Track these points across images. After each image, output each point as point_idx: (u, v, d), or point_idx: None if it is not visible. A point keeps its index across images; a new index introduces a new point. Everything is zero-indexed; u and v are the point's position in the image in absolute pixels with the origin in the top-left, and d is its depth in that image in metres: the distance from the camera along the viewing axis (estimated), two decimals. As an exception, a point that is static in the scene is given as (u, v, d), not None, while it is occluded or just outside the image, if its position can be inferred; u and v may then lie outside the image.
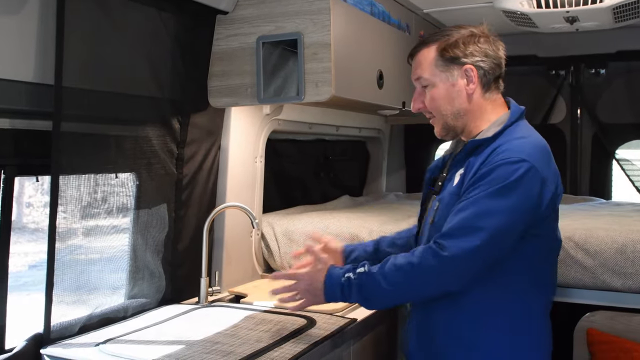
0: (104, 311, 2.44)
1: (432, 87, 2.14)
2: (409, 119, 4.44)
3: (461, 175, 2.08)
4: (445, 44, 2.11)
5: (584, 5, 3.12)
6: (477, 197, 1.95)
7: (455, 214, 1.98)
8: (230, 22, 2.74)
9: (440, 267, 1.96)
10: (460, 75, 2.10)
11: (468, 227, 1.94)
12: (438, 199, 2.14)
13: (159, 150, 2.61)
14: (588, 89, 4.40)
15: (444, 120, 2.16)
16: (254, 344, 2.17)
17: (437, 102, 2.14)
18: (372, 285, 2.04)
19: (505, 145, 2.01)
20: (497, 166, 1.95)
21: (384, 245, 2.54)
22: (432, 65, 2.12)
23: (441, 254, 1.94)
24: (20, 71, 2.07)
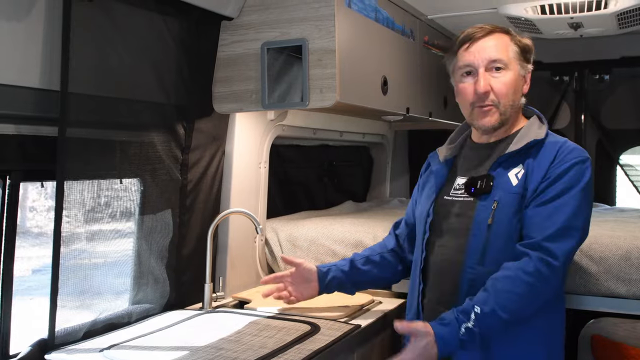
0: (108, 317, 2.44)
1: (507, 72, 2.16)
2: (413, 125, 4.45)
3: (520, 175, 2.11)
4: (520, 38, 2.21)
5: (588, 12, 3.12)
6: (565, 198, 2.03)
7: (548, 216, 2.02)
8: (235, 28, 2.75)
9: (555, 276, 2.01)
10: (525, 72, 2.21)
11: (567, 228, 2.01)
12: (497, 199, 2.11)
13: (163, 155, 2.61)
14: (592, 95, 4.41)
15: (504, 108, 2.16)
16: (258, 350, 2.17)
17: (507, 88, 2.15)
18: (494, 323, 2.00)
19: (568, 144, 2.12)
20: (574, 164, 2.06)
21: (359, 264, 2.55)
22: (511, 51, 2.17)
23: (554, 264, 1.99)
24: (26, 77, 2.07)
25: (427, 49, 3.59)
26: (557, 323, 2.17)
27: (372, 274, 2.56)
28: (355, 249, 3.03)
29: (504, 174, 2.13)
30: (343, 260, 2.59)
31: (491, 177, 2.15)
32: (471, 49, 2.17)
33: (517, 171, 2.11)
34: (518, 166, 2.12)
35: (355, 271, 2.54)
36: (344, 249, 3.07)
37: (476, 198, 2.16)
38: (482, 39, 2.17)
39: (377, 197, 4.68)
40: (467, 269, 2.12)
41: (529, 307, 2.02)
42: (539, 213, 2.04)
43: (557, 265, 1.98)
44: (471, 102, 2.18)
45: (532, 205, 2.06)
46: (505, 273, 2.01)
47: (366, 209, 4.09)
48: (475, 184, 2.18)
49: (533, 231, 2.04)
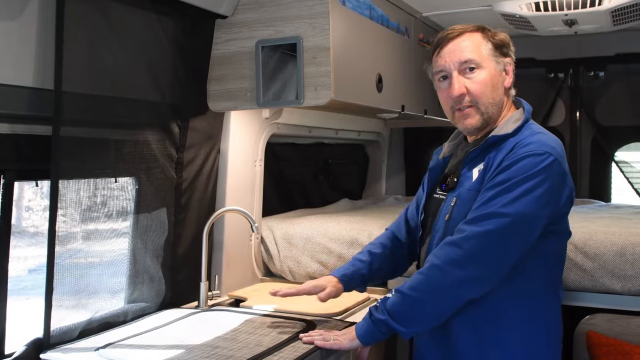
0: (104, 315, 2.44)
1: (481, 71, 2.11)
2: (408, 122, 4.46)
3: (480, 170, 2.08)
4: (494, 34, 2.15)
5: (582, 8, 3.13)
6: (506, 185, 1.96)
7: (482, 202, 1.99)
8: (229, 27, 2.74)
9: (464, 257, 1.97)
10: (504, 66, 2.15)
11: (492, 214, 1.95)
12: (455, 195, 2.12)
13: (158, 154, 2.61)
14: (587, 92, 4.42)
15: (484, 107, 2.12)
16: (254, 348, 2.17)
17: (484, 87, 2.11)
18: (396, 299, 2.05)
19: (528, 139, 2.03)
20: (523, 157, 1.97)
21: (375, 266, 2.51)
22: (484, 49, 2.13)
23: (461, 245, 1.96)
24: (20, 76, 2.07)
25: (422, 47, 3.59)
26: (552, 307, 2.13)
27: (385, 272, 2.57)
28: (351, 246, 3.03)
29: (469, 170, 2.14)
30: (362, 263, 2.51)
31: (458, 173, 2.17)
32: (442, 53, 2.15)
33: (480, 167, 2.10)
34: (482, 162, 2.10)
35: (372, 273, 2.53)
36: (340, 247, 3.07)
37: (446, 195, 2.19)
38: (452, 41, 2.14)
39: (373, 194, 4.69)
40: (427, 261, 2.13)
41: (440, 287, 2.00)
42: (477, 201, 2.02)
43: (464, 246, 1.96)
44: (450, 105, 2.18)
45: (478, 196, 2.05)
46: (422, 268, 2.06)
47: (362, 206, 4.10)
48: (445, 181, 2.22)
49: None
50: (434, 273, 2.01)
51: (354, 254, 2.99)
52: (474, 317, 2.05)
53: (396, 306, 2.05)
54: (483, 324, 2.05)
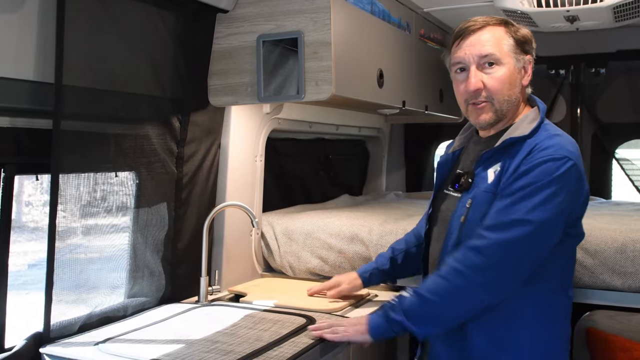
0: (104, 310, 2.44)
1: (501, 67, 2.08)
2: (409, 118, 4.45)
3: (497, 172, 2.05)
4: (517, 29, 2.11)
5: (584, 5, 3.12)
6: (526, 191, 1.94)
7: (502, 209, 1.97)
8: (230, 21, 2.74)
9: (486, 264, 1.96)
10: (524, 63, 2.12)
11: (515, 221, 1.93)
12: (471, 197, 2.09)
13: (158, 149, 2.61)
14: (588, 88, 4.41)
15: (499, 105, 2.10)
16: (254, 343, 2.17)
17: (501, 84, 2.08)
18: (414, 300, 2.04)
19: (546, 142, 2.00)
20: (542, 162, 1.95)
21: (399, 259, 2.63)
22: (505, 44, 2.09)
23: (483, 251, 1.95)
24: (21, 69, 2.07)
25: (423, 42, 3.58)
26: (564, 306, 2.14)
27: (410, 268, 2.64)
28: (351, 242, 3.03)
29: (484, 170, 2.11)
30: (383, 259, 2.67)
31: (472, 173, 2.14)
32: (463, 45, 2.12)
33: (495, 168, 2.07)
34: (498, 163, 2.07)
35: (395, 269, 2.65)
36: (340, 243, 3.07)
37: (460, 194, 2.16)
38: (474, 33, 2.11)
39: (373, 190, 4.68)
40: (442, 263, 2.12)
41: (461, 293, 2.00)
42: (496, 205, 2.00)
43: (486, 252, 1.95)
44: (465, 98, 2.15)
45: (495, 200, 2.02)
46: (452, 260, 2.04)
47: (362, 202, 4.09)
48: (459, 180, 2.18)
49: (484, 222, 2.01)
50: (455, 278, 1.99)
51: (354, 250, 3.01)
52: (489, 319, 2.04)
53: (414, 308, 2.04)
54: (498, 326, 2.05)
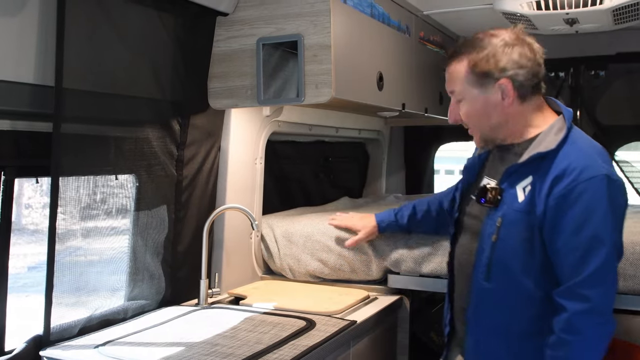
0: (104, 313, 2.44)
1: (466, 102, 2.09)
2: (409, 121, 4.45)
3: (527, 191, 2.01)
4: (477, 58, 2.03)
5: (583, 7, 3.12)
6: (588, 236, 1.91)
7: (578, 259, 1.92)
8: (230, 24, 2.74)
9: (602, 320, 1.93)
10: (494, 90, 2.04)
11: (600, 269, 1.90)
12: (500, 215, 2.05)
13: (158, 151, 2.61)
14: (587, 91, 4.41)
15: (481, 132, 2.12)
16: (254, 346, 2.17)
17: (472, 117, 2.10)
18: None
19: (578, 162, 1.94)
20: (586, 188, 1.91)
21: (419, 215, 2.84)
22: (465, 80, 2.07)
23: (595, 311, 1.91)
24: (21, 73, 2.07)
25: (423, 45, 3.59)
26: None
27: (428, 227, 2.85)
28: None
29: (512, 187, 2.06)
30: (403, 213, 2.88)
31: (500, 190, 2.08)
32: None
33: (524, 185, 2.02)
34: (526, 179, 2.02)
35: (412, 223, 2.86)
36: (340, 245, 3.06)
37: (487, 208, 2.12)
38: (447, 64, 2.14)
39: (373, 193, 4.68)
40: (475, 282, 2.12)
41: (594, 351, 1.94)
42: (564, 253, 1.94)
43: (597, 309, 1.91)
44: None
45: (554, 241, 1.96)
46: (553, 339, 1.96)
47: (362, 205, 4.09)
48: (485, 194, 2.13)
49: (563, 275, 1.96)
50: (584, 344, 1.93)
51: (354, 253, 3.01)
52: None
53: None
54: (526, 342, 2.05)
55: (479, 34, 2.09)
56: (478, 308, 2.12)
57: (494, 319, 2.09)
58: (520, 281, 2.03)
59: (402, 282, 2.97)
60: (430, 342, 3.42)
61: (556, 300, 1.95)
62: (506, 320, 2.07)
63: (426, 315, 3.45)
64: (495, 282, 2.07)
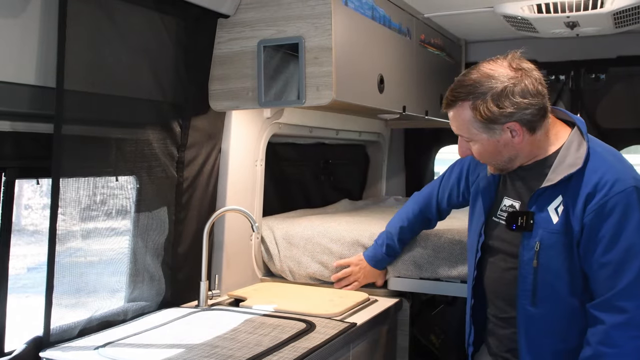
0: (104, 314, 2.44)
1: (476, 144, 2.07)
2: (409, 123, 4.45)
3: (561, 211, 2.01)
4: (479, 106, 1.97)
5: (584, 11, 3.12)
6: (624, 247, 1.92)
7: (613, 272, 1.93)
8: (231, 26, 2.74)
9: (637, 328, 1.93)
10: (503, 132, 2.02)
11: (636, 281, 1.91)
12: (537, 239, 2.04)
13: (159, 153, 2.61)
14: (588, 94, 4.41)
15: (496, 165, 2.12)
16: (253, 348, 2.17)
17: (484, 155, 2.10)
18: None
19: (609, 175, 1.95)
20: (618, 201, 1.92)
21: (399, 245, 2.91)
22: (471, 125, 2.03)
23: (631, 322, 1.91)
24: (22, 74, 2.07)
25: (423, 48, 3.59)
26: None
27: (409, 239, 2.95)
28: (352, 247, 3.03)
29: (543, 208, 2.05)
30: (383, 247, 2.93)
31: (531, 214, 2.06)
32: None
33: (556, 205, 2.02)
34: (557, 198, 2.02)
35: (392, 253, 2.94)
36: (340, 248, 3.07)
37: (520, 234, 2.10)
38: (447, 110, 2.10)
39: (373, 195, 4.68)
40: (521, 308, 2.11)
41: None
42: (600, 267, 1.96)
43: (634, 321, 1.91)
44: None
45: (590, 256, 1.97)
46: (589, 352, 1.97)
47: (362, 207, 4.10)
48: (515, 220, 2.11)
49: (599, 288, 1.97)
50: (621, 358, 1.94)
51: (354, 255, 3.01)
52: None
53: None
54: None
55: (473, 74, 2.02)
56: (528, 333, 2.11)
57: (545, 341, 2.09)
58: (567, 301, 2.04)
59: (402, 285, 2.98)
60: (430, 344, 3.42)
61: (592, 313, 1.97)
62: (558, 340, 2.08)
63: (426, 317, 3.46)
64: (542, 307, 2.07)
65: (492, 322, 2.28)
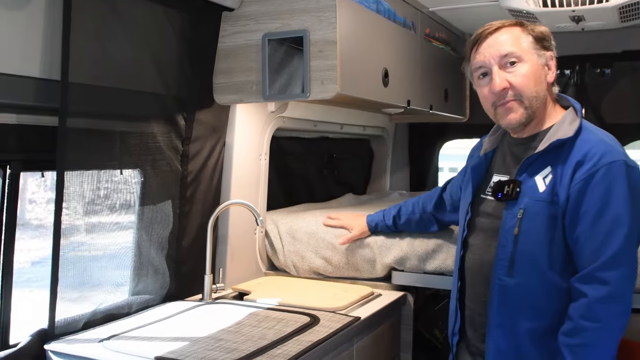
0: (108, 307, 2.45)
1: (523, 64, 2.06)
2: (414, 117, 4.45)
3: (549, 180, 2.00)
4: (533, 27, 2.10)
5: (589, 5, 3.11)
6: (610, 218, 1.91)
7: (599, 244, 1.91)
8: (236, 19, 2.74)
9: (620, 302, 1.91)
10: (546, 60, 2.09)
11: (621, 251, 1.90)
12: (522, 207, 2.03)
13: (163, 146, 2.61)
14: (593, 89, 4.40)
15: (528, 102, 2.05)
16: (258, 341, 2.17)
17: (526, 80, 2.05)
18: None
19: (600, 147, 1.96)
20: (606, 172, 1.92)
21: (402, 221, 2.93)
22: (524, 42, 2.07)
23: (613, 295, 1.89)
24: (27, 67, 2.07)
25: (428, 42, 3.58)
26: None
27: (410, 229, 2.95)
28: (355, 242, 3.03)
29: (530, 178, 2.05)
30: (389, 214, 2.97)
31: (518, 182, 2.07)
32: (481, 49, 2.10)
33: (544, 174, 2.02)
34: (546, 169, 2.02)
35: (397, 226, 2.96)
36: (344, 242, 3.07)
37: (504, 203, 2.10)
38: (491, 36, 2.09)
39: (377, 190, 4.68)
40: (496, 280, 2.08)
41: (611, 340, 1.94)
42: (585, 239, 1.94)
43: (618, 294, 1.90)
44: (492, 102, 2.10)
45: (575, 227, 1.96)
46: (569, 326, 1.95)
47: (366, 201, 4.09)
48: (502, 189, 2.11)
49: (583, 261, 1.95)
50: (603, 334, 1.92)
51: (358, 250, 3.01)
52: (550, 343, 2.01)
53: None
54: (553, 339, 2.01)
55: None
56: (501, 309, 2.07)
57: (519, 317, 2.05)
58: (545, 273, 2.01)
59: (406, 279, 2.97)
60: (434, 339, 3.42)
61: (574, 287, 1.95)
62: (532, 317, 2.04)
63: (430, 312, 3.45)
64: (519, 277, 2.03)
65: (470, 309, 2.23)
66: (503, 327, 2.07)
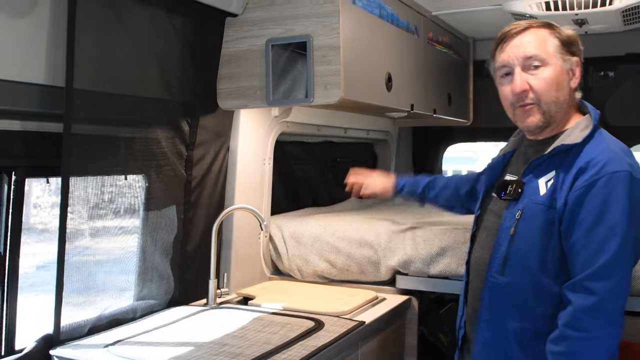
0: (113, 312, 2.45)
1: (546, 68, 2.03)
2: (417, 121, 4.45)
3: (550, 184, 1.99)
4: (563, 32, 2.06)
5: (593, 8, 3.11)
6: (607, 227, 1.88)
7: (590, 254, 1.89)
8: (239, 25, 2.75)
9: (607, 314, 1.88)
10: (571, 65, 2.05)
11: (610, 263, 1.87)
12: (520, 208, 2.04)
13: (168, 152, 2.62)
14: (597, 92, 4.39)
15: (547, 106, 2.03)
16: (262, 346, 2.17)
17: (547, 85, 2.02)
18: None
19: (602, 155, 1.93)
20: (608, 181, 1.88)
21: (431, 194, 2.78)
22: (550, 45, 2.04)
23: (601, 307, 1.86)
24: (31, 73, 2.08)
25: (431, 46, 3.58)
26: None
27: (436, 204, 2.83)
28: (359, 246, 3.03)
29: (535, 180, 2.04)
30: (421, 182, 2.81)
31: (521, 183, 2.07)
32: (506, 48, 2.08)
33: (547, 178, 2.01)
34: (550, 172, 2.00)
35: (424, 198, 2.80)
36: (348, 246, 3.07)
37: (506, 202, 2.10)
38: (517, 36, 2.07)
39: (381, 194, 4.67)
40: (489, 277, 2.08)
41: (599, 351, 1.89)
42: (580, 247, 1.91)
43: (607, 307, 1.87)
44: (511, 102, 2.08)
45: (571, 234, 1.93)
46: (556, 333, 1.93)
47: (370, 206, 4.09)
48: (505, 188, 2.12)
49: (575, 269, 1.92)
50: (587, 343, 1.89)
51: (362, 254, 3.01)
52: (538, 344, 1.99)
53: None
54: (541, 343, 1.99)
55: None
56: (492, 305, 2.08)
57: (508, 316, 2.04)
58: (536, 275, 1.99)
59: (411, 283, 2.98)
60: (439, 343, 3.42)
61: (563, 294, 1.93)
62: (520, 317, 2.03)
63: (434, 316, 3.45)
64: (510, 276, 2.03)
65: (470, 304, 2.23)
66: (491, 323, 2.08)
